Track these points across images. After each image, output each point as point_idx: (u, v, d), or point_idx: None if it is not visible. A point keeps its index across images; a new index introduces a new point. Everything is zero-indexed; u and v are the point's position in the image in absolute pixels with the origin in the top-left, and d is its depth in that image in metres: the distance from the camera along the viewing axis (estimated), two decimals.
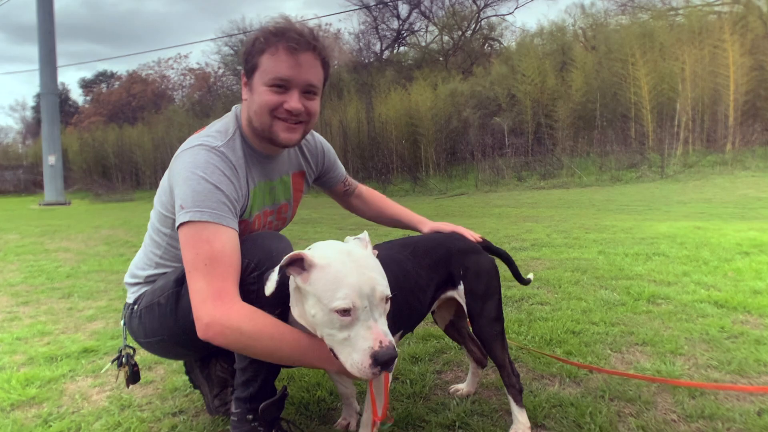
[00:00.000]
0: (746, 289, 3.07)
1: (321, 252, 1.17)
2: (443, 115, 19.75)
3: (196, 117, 26.92)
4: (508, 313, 2.81)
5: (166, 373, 2.23)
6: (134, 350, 1.71)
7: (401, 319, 1.42)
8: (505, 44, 27.12)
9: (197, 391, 1.97)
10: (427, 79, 21.46)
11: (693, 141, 15.89)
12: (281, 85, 1.38)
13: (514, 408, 1.56)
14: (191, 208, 1.31)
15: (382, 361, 1.06)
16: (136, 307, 1.60)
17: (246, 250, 1.35)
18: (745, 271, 3.56)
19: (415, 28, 29.09)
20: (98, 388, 2.11)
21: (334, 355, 1.14)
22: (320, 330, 1.15)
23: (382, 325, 1.10)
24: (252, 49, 1.39)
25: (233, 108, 1.55)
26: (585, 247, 4.88)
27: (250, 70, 1.41)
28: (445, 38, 27.89)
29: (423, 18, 28.15)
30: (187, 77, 36.28)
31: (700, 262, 3.92)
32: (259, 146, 1.50)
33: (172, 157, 1.48)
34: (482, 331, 1.57)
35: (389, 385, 1.32)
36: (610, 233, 5.82)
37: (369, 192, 1.96)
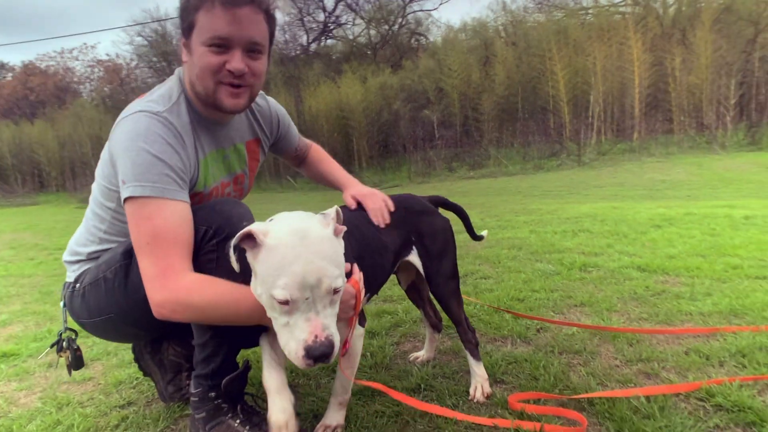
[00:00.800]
0: (662, 255, 3.37)
1: (275, 229, 1.09)
2: (374, 108, 19.86)
3: (108, 112, 25.06)
4: None
5: (105, 369, 2.10)
6: (76, 333, 1.58)
7: (366, 283, 1.42)
8: (432, 39, 27.69)
9: (147, 382, 1.88)
10: (356, 72, 21.45)
11: (605, 131, 17.09)
12: (221, 45, 1.28)
13: (472, 362, 1.62)
14: (132, 182, 1.23)
15: (313, 356, 1.03)
16: (78, 285, 1.48)
17: (203, 217, 1.29)
18: (659, 240, 3.90)
19: (342, 21, 28.95)
20: (26, 391, 1.94)
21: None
22: (265, 310, 1.12)
23: (323, 318, 1.05)
24: (187, 6, 1.29)
25: (176, 71, 1.44)
26: (517, 228, 5.14)
27: (187, 29, 1.31)
28: (373, 32, 28.00)
29: (349, 11, 28.05)
30: (96, 69, 33.55)
31: (620, 236, 4.25)
32: (206, 112, 1.41)
33: (81, 156, 1.38)
34: (439, 289, 1.61)
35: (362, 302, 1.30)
36: (538, 215, 6.15)
37: (314, 154, 1.87)
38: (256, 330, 1.34)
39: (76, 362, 1.56)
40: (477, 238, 1.88)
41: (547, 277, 3.03)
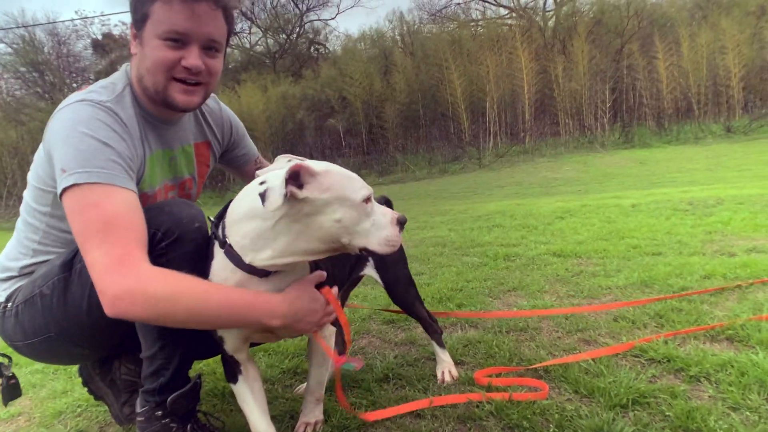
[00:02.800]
0: (572, 241, 3.73)
1: (309, 163, 1.12)
2: (277, 118, 19.61)
3: None
4: None
5: (35, 402, 1.90)
6: (10, 359, 1.42)
7: None
8: (331, 48, 27.92)
9: (94, 407, 1.74)
10: (255, 81, 21.05)
11: (500, 135, 18.34)
12: (178, 39, 1.22)
13: (438, 350, 1.71)
14: (75, 169, 1.11)
15: (403, 221, 1.19)
16: (10, 304, 1.34)
17: (151, 218, 1.19)
18: (565, 229, 4.31)
19: (238, 30, 28.19)
20: None
21: (367, 251, 1.15)
22: (347, 233, 1.11)
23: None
24: None
25: (123, 66, 1.35)
26: (435, 228, 5.38)
27: (140, 20, 1.23)
28: (270, 41, 27.62)
29: (245, 19, 27.40)
30: None
31: (530, 228, 4.62)
32: (154, 109, 1.33)
33: None
34: (400, 297, 1.68)
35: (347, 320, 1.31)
36: (451, 215, 6.47)
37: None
38: (210, 339, 1.27)
39: (11, 391, 1.39)
40: None
41: (477, 268, 3.23)
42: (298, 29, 27.92)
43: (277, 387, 1.76)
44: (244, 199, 1.13)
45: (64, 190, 1.13)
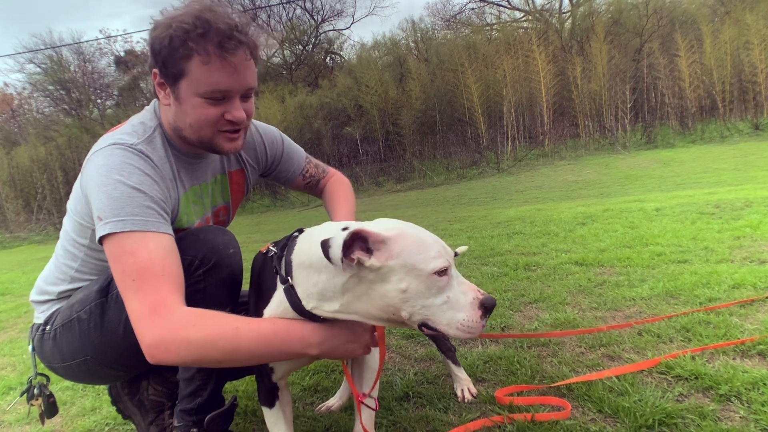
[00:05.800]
0: (594, 249, 3.67)
1: (376, 226, 1.05)
2: (295, 128, 19.79)
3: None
4: None
5: (65, 420, 1.94)
6: (48, 378, 1.49)
7: None
8: (347, 58, 28.14)
9: (121, 425, 1.78)
10: (273, 92, 21.31)
11: (519, 138, 18.18)
12: (221, 97, 1.24)
13: (453, 368, 1.69)
14: (110, 218, 1.16)
15: (490, 306, 1.02)
16: (48, 327, 1.39)
17: (187, 246, 1.23)
18: (587, 236, 4.23)
19: None
20: None
21: (430, 327, 1.03)
22: (410, 306, 1.01)
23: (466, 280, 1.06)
24: (173, 53, 1.20)
25: (152, 103, 1.38)
26: (454, 236, 5.34)
27: (174, 77, 1.23)
28: (287, 52, 27.98)
29: (261, 31, 27.81)
30: None
31: (551, 235, 4.55)
32: (187, 148, 1.36)
33: None
34: None
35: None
36: (470, 222, 6.42)
37: (330, 186, 1.75)
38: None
39: (50, 409, 1.46)
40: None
41: (497, 279, 3.20)
42: (313, 40, 28.24)
43: (298, 405, 1.76)
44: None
45: (102, 238, 1.17)
